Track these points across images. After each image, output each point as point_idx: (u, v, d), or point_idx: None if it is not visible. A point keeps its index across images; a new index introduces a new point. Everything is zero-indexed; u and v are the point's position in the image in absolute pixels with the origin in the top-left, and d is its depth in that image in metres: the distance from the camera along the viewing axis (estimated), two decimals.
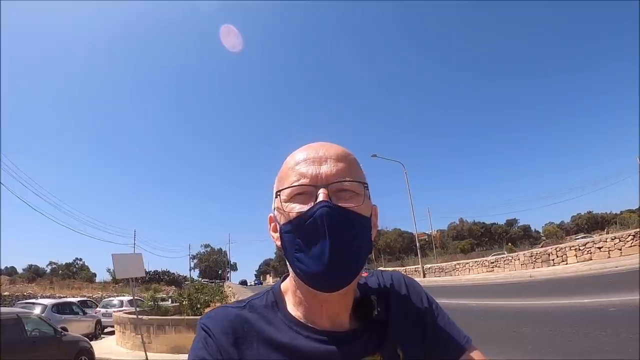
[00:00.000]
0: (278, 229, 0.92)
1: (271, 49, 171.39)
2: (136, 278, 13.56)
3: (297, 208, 0.85)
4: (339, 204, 0.85)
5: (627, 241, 21.81)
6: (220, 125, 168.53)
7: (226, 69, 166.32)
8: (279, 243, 0.92)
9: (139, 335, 12.20)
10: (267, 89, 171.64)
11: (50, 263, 74.05)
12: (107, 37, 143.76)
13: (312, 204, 0.84)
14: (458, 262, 37.99)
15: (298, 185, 0.87)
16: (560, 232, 75.51)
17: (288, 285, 0.98)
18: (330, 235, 0.81)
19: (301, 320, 0.91)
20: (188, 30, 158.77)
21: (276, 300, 0.97)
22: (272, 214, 0.96)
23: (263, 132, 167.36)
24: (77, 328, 16.45)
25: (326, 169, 0.88)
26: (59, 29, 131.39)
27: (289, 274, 0.98)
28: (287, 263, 0.90)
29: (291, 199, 0.87)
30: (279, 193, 0.89)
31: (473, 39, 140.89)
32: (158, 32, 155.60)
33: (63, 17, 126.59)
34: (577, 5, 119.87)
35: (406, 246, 78.99)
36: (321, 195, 0.84)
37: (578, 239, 39.83)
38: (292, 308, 0.94)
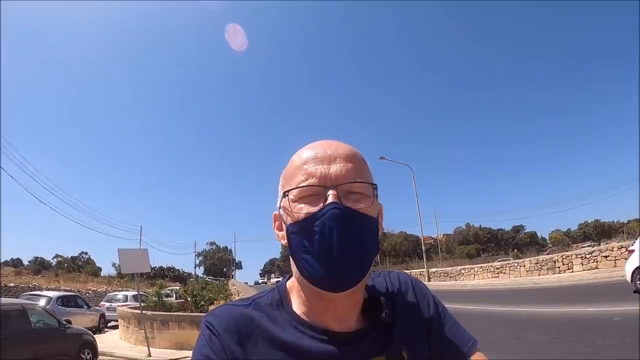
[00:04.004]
0: (284, 227, 0.91)
1: (278, 50, 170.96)
2: (141, 273, 13.60)
3: (305, 209, 0.84)
4: (349, 206, 0.84)
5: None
6: (227, 125, 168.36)
7: (231, 69, 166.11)
8: (284, 242, 0.92)
9: (143, 330, 12.25)
10: (273, 89, 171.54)
11: (56, 256, 74.23)
12: (113, 37, 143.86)
13: (322, 204, 0.83)
14: (463, 267, 37.79)
15: (306, 186, 0.85)
16: (566, 240, 75.15)
17: (293, 284, 0.97)
18: (339, 238, 0.81)
19: (306, 320, 0.91)
20: (197, 31, 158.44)
21: (281, 299, 0.96)
22: (276, 212, 0.96)
23: (269, 132, 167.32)
24: (81, 321, 16.48)
25: (335, 169, 0.87)
26: (69, 25, 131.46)
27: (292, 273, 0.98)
28: (292, 262, 0.89)
29: (299, 199, 0.86)
30: (286, 193, 0.87)
31: (484, 52, 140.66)
32: (165, 32, 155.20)
33: (71, 15, 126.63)
34: (589, 22, 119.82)
35: (411, 249, 78.85)
36: (330, 196, 0.83)
37: (584, 247, 39.56)
38: (298, 307, 0.93)
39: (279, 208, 0.93)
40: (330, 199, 0.83)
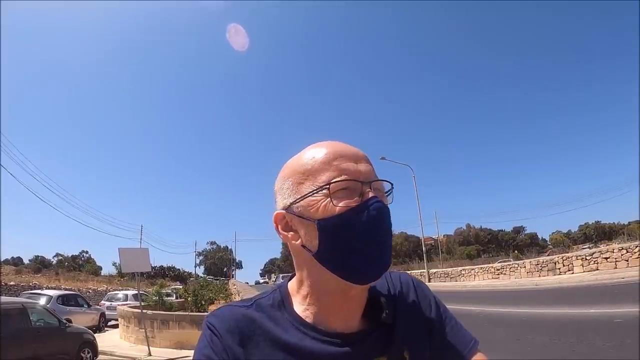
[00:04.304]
0: (296, 227, 0.91)
1: (278, 50, 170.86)
2: (141, 272, 13.58)
3: (341, 203, 0.85)
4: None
5: (635, 252, 21.59)
6: (227, 125, 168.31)
7: (231, 69, 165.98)
8: (297, 242, 0.91)
9: (143, 330, 12.26)
10: (273, 89, 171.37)
11: (57, 255, 74.44)
12: (113, 37, 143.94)
13: (358, 199, 0.85)
14: (464, 267, 37.75)
15: (345, 180, 0.86)
16: (567, 241, 75.05)
17: (295, 285, 0.97)
18: (381, 230, 0.85)
19: (308, 321, 0.91)
20: (197, 31, 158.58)
21: (283, 300, 0.96)
22: (281, 211, 0.94)
23: (269, 131, 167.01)
24: (81, 320, 16.51)
25: (364, 167, 0.89)
26: (68, 25, 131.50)
27: (295, 274, 0.98)
28: (316, 259, 0.88)
29: (334, 193, 0.85)
30: (327, 187, 0.86)
31: (485, 52, 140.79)
32: (165, 32, 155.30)
33: (71, 15, 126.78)
34: (589, 22, 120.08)
35: (412, 250, 78.77)
36: (370, 192, 0.86)
37: (585, 248, 39.55)
38: (300, 308, 0.93)
39: (290, 205, 0.91)
40: (370, 194, 0.86)
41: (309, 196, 0.87)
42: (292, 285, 0.99)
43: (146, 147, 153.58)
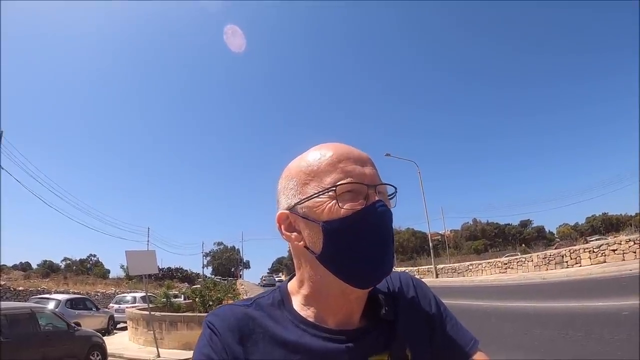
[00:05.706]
0: (299, 227, 0.91)
1: (279, 48, 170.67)
2: (149, 274, 13.63)
3: (347, 205, 0.85)
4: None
5: None
6: (231, 123, 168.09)
7: (233, 69, 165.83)
8: (300, 243, 0.91)
9: (151, 331, 12.32)
10: (276, 88, 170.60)
11: (65, 259, 74.70)
12: (113, 38, 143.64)
13: (363, 202, 0.86)
14: (471, 262, 37.59)
15: (353, 183, 0.86)
16: (574, 234, 74.68)
17: (295, 285, 0.98)
18: (385, 234, 0.87)
19: (308, 319, 0.91)
20: (199, 31, 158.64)
21: (283, 299, 0.96)
22: (285, 211, 0.94)
23: (271, 131, 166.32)
24: (90, 323, 16.57)
25: (369, 170, 0.90)
26: (68, 27, 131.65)
27: (295, 274, 0.99)
28: (319, 261, 0.88)
29: (339, 195, 0.86)
30: (333, 189, 0.86)
31: (489, 46, 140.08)
32: (165, 32, 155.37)
33: (71, 15, 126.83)
34: (591, 15, 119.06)
35: (419, 246, 78.49)
36: (376, 195, 0.87)
37: (592, 240, 39.34)
38: (300, 307, 0.94)
39: (295, 206, 0.91)
40: (375, 197, 0.87)
41: (314, 197, 0.87)
42: (292, 285, 0.99)
43: (149, 147, 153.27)
